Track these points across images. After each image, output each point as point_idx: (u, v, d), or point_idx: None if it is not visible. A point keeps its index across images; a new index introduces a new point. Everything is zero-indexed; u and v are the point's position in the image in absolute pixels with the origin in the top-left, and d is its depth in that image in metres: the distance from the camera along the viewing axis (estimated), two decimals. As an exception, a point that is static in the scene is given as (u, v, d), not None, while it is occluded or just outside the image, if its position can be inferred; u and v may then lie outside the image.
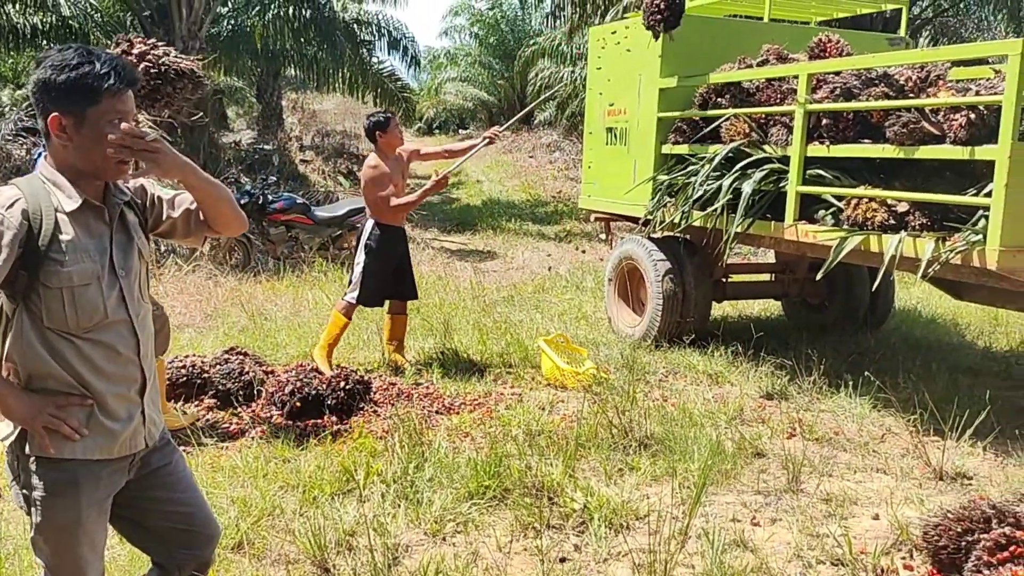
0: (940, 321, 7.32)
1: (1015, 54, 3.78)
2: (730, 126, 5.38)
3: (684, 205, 5.50)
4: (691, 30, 6.05)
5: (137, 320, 1.99)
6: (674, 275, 6.02)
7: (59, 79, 1.84)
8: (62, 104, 1.85)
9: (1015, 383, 5.48)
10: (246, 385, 4.75)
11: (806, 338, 6.25)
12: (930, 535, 2.93)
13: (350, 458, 3.88)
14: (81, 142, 1.88)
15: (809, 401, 4.93)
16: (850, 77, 4.75)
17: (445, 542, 3.23)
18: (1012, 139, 3.80)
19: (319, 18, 16.29)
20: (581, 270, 9.66)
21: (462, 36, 32.84)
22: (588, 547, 3.18)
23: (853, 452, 4.22)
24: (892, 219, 4.39)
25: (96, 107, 1.86)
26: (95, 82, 1.85)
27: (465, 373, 5.44)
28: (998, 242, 3.86)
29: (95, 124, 1.86)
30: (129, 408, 1.99)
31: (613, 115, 6.55)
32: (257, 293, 7.83)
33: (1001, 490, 3.68)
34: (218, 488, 3.57)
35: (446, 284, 8.47)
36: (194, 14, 12.61)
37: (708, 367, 5.53)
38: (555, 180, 19.20)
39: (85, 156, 1.89)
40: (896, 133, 4.35)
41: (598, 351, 5.92)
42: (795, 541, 3.24)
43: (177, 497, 2.14)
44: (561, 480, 3.65)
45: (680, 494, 3.55)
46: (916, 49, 6.39)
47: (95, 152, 1.88)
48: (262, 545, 3.16)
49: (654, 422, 4.37)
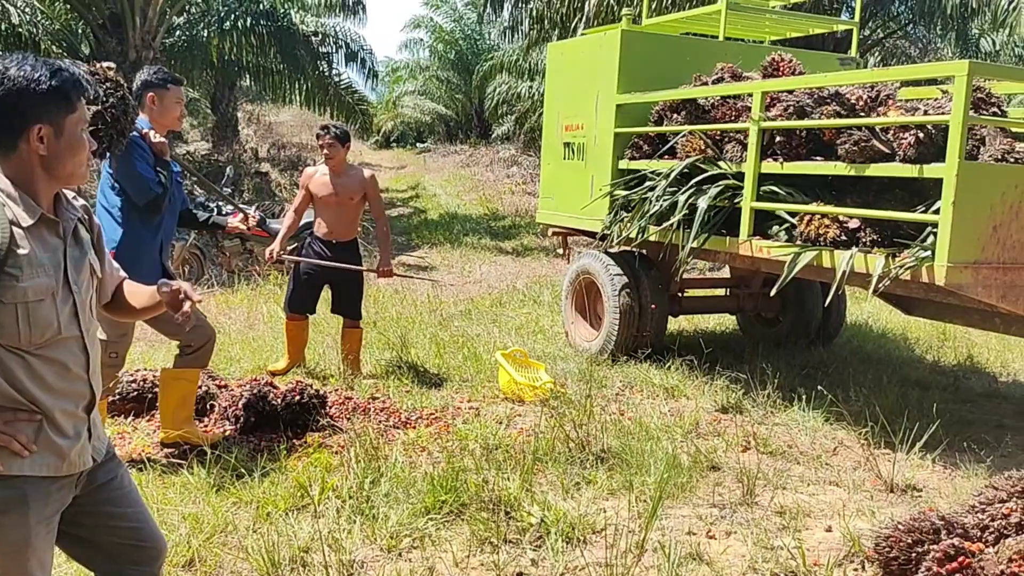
0: (890, 336, 7.47)
1: (961, 75, 3.88)
2: (686, 142, 5.45)
3: (641, 220, 5.54)
4: (648, 47, 6.13)
5: (88, 336, 1.96)
6: (631, 290, 6.06)
7: (39, 88, 1.82)
8: (41, 113, 1.83)
9: (962, 396, 5.61)
10: (199, 399, 4.65)
11: (760, 352, 6.33)
12: (881, 547, 2.97)
13: (305, 473, 3.82)
14: (58, 151, 1.87)
15: (763, 415, 4.98)
16: (803, 96, 4.84)
17: (401, 558, 3.19)
18: (959, 158, 3.90)
19: (278, 30, 16.19)
20: (539, 284, 9.69)
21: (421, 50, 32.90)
22: (545, 561, 3.16)
23: (806, 465, 4.27)
24: (844, 235, 4.48)
25: (73, 115, 1.87)
26: (72, 90, 1.86)
27: (422, 387, 5.41)
28: (946, 258, 3.95)
29: (72, 132, 1.88)
30: (77, 425, 1.94)
31: (570, 130, 6.60)
32: (211, 306, 7.69)
33: (949, 502, 3.75)
34: (169, 504, 3.48)
35: (403, 298, 8.42)
36: (148, 24, 12.43)
37: (664, 381, 5.57)
38: (513, 194, 19.26)
39: (60, 164, 1.88)
40: (847, 151, 4.44)
41: (555, 365, 5.93)
42: (750, 554, 3.26)
43: (124, 512, 2.10)
44: (518, 494, 3.63)
45: (636, 507, 3.56)
46: (867, 69, 6.54)
47: (69, 160, 1.89)
48: (214, 562, 3.09)
49: (611, 436, 4.39)
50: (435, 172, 25.26)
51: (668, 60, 6.12)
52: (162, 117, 4.07)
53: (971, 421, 4.98)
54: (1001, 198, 4.03)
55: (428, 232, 14.63)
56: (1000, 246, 4.07)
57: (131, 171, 3.86)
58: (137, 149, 3.87)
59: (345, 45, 18.81)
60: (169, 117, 4.10)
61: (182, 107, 4.25)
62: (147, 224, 3.97)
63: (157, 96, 4.06)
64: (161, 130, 4.06)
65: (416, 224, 15.92)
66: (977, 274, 4.03)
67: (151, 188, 3.88)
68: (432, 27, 31.12)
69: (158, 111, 4.07)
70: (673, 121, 5.71)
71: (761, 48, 6.94)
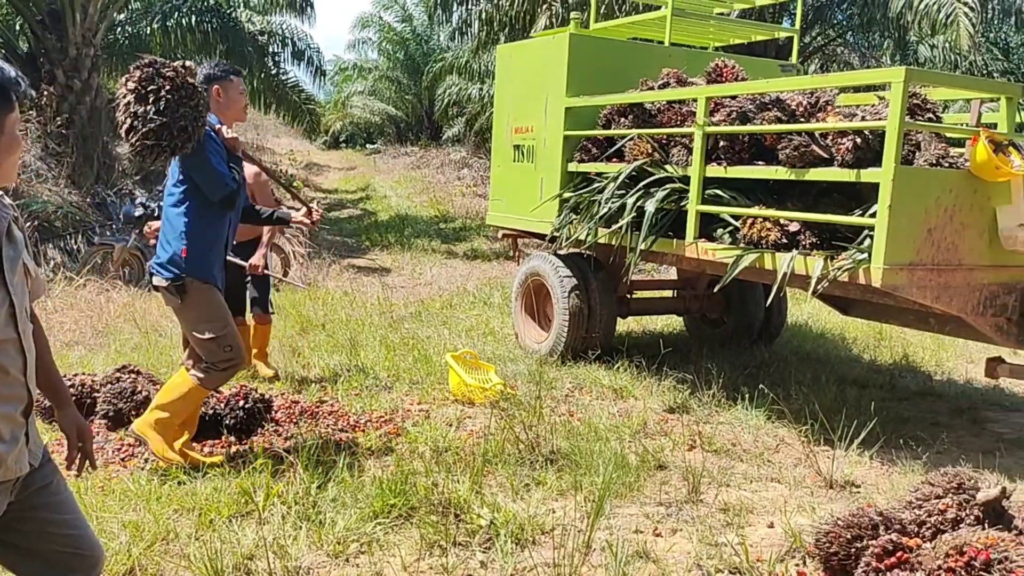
0: (829, 336, 7.65)
1: (898, 81, 3.99)
2: (633, 146, 5.51)
3: (590, 222, 5.59)
4: (596, 51, 6.19)
5: (24, 338, 1.91)
6: (580, 291, 6.10)
7: None
8: None
9: (899, 395, 5.77)
10: (139, 405, 4.55)
11: (706, 352, 6.43)
12: (821, 542, 3.04)
13: (249, 479, 3.77)
14: None
15: (709, 414, 5.06)
16: (745, 101, 4.93)
17: (348, 563, 3.17)
18: (895, 162, 4.01)
19: (224, 27, 15.92)
20: (489, 286, 9.70)
21: (370, 50, 32.63)
22: (494, 563, 3.17)
23: (749, 462, 4.35)
24: (785, 238, 4.57)
25: (12, 114, 1.85)
26: (12, 87, 1.83)
27: (372, 390, 5.37)
28: (882, 260, 4.05)
29: (11, 131, 1.86)
30: (14, 430, 1.90)
31: (520, 132, 6.62)
32: (152, 308, 7.54)
33: (887, 497, 3.85)
34: (108, 512, 3.41)
35: (352, 300, 8.36)
36: (89, 20, 12.11)
37: (613, 382, 5.62)
38: (464, 196, 19.24)
39: None
40: (788, 156, 4.54)
41: (505, 367, 5.94)
42: (695, 550, 3.31)
43: (61, 519, 2.06)
44: (468, 497, 3.63)
45: (585, 507, 3.59)
46: (807, 76, 6.69)
47: (6, 160, 1.87)
48: (155, 571, 3.03)
49: (560, 437, 4.41)
50: (385, 173, 25.10)
51: (616, 64, 6.18)
52: (228, 110, 4.01)
53: (907, 419, 5.12)
54: (935, 202, 4.15)
55: (378, 234, 14.54)
56: (934, 248, 4.19)
57: (207, 168, 3.79)
58: (211, 144, 3.83)
59: (292, 43, 18.55)
60: (235, 109, 4.05)
61: (246, 98, 4.21)
62: (218, 221, 3.92)
63: (222, 89, 4.01)
64: (228, 123, 4.02)
65: (366, 226, 15.81)
66: (912, 275, 4.15)
67: (227, 184, 3.83)
68: (381, 26, 30.90)
69: (224, 104, 4.02)
70: (621, 125, 5.77)
71: (705, 54, 7.05)
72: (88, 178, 11.75)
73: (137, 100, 3.57)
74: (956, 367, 6.72)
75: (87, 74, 12.19)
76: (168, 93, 3.55)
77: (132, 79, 3.60)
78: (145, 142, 3.56)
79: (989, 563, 2.64)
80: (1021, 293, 4.49)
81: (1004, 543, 2.69)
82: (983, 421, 5.29)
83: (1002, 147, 4.15)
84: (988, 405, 5.65)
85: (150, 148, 3.58)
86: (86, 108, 12.14)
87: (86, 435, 2.22)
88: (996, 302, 4.44)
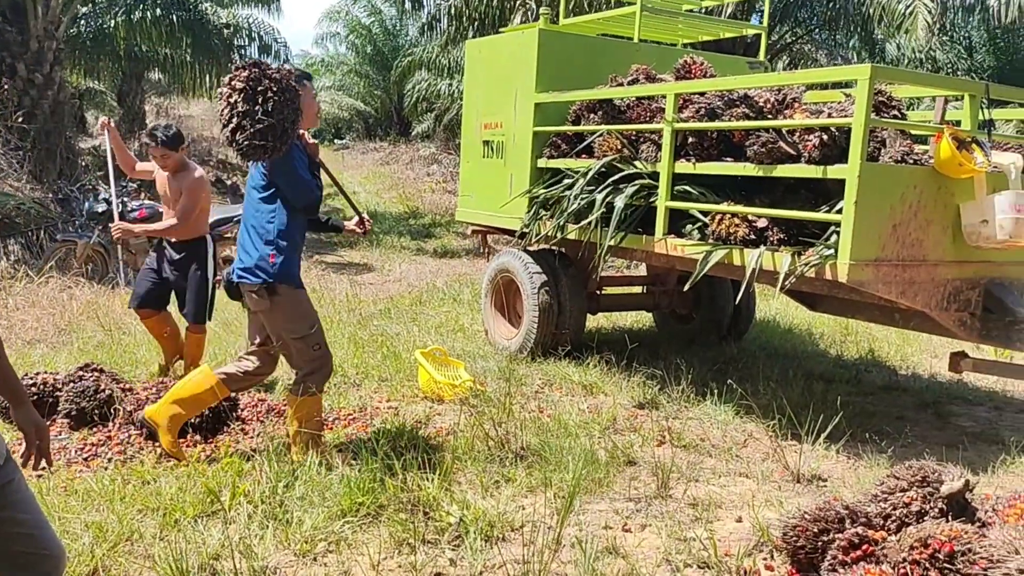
0: (796, 331, 7.73)
1: (864, 79, 4.03)
2: (603, 142, 5.51)
3: (559, 218, 5.59)
4: (566, 47, 6.18)
5: None
6: (550, 288, 6.10)
7: None
8: None
9: (864, 389, 5.84)
10: (102, 404, 4.47)
11: (675, 348, 6.46)
12: (789, 536, 3.06)
13: (215, 478, 3.72)
14: None
15: (678, 409, 5.09)
16: (714, 98, 4.95)
17: (316, 562, 3.14)
18: (861, 159, 4.05)
19: (190, 21, 15.72)
20: (459, 283, 9.66)
21: (338, 43, 32.39)
22: (464, 560, 3.16)
23: (718, 457, 4.38)
24: (753, 234, 4.60)
25: None
26: None
27: (340, 387, 5.33)
28: (848, 256, 4.09)
29: None
30: None
31: (489, 128, 6.60)
32: (115, 306, 7.41)
33: (853, 491, 3.89)
34: (71, 513, 3.34)
35: (321, 297, 8.28)
36: (51, 13, 11.88)
37: (583, 378, 5.63)
38: (433, 193, 19.18)
39: None
40: (755, 152, 4.56)
41: (475, 363, 5.92)
42: (664, 546, 3.32)
43: (23, 518, 2.01)
44: (437, 494, 3.61)
45: (554, 504, 3.58)
46: (774, 72, 6.73)
47: None
48: (119, 572, 2.98)
49: (530, 433, 4.41)
50: (354, 169, 24.94)
51: (585, 60, 6.18)
52: (304, 115, 3.94)
53: (873, 413, 5.18)
54: (901, 198, 4.20)
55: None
56: (900, 244, 4.24)
57: (294, 175, 3.80)
58: (296, 151, 3.82)
59: (259, 37, 18.38)
60: (310, 114, 3.98)
61: (319, 103, 4.16)
62: (300, 225, 3.97)
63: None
64: (305, 128, 3.98)
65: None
66: (878, 271, 4.19)
67: (312, 191, 3.85)
68: (349, 20, 30.67)
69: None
70: (590, 121, 5.77)
71: (674, 51, 7.07)
72: (51, 173, 11.53)
73: (245, 100, 3.55)
74: (921, 362, 6.81)
75: (49, 68, 11.96)
76: (275, 95, 3.54)
77: (238, 78, 3.57)
78: (254, 142, 3.56)
79: (953, 555, 2.67)
80: (984, 288, 4.56)
81: (967, 535, 2.72)
82: (947, 415, 5.37)
83: (965, 144, 4.20)
84: (952, 399, 5.74)
85: (256, 148, 3.58)
86: (48, 103, 11.92)
87: (43, 433, 2.18)
88: (960, 297, 4.50)
